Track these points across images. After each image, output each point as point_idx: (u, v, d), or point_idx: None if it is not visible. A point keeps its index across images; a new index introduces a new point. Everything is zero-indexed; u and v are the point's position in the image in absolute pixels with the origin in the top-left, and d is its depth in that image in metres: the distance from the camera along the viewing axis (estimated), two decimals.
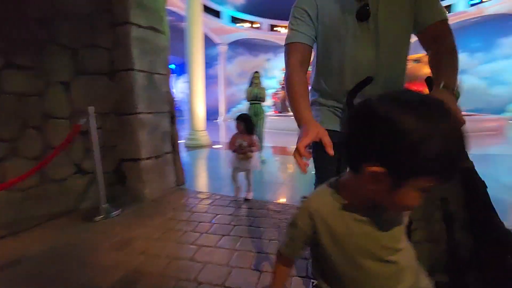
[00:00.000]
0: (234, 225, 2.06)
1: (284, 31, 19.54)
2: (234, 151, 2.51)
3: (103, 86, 2.49)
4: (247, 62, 20.77)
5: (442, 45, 0.88)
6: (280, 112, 13.46)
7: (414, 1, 0.89)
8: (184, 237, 1.87)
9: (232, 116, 20.15)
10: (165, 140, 2.84)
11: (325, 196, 0.56)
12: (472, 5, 16.64)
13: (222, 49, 18.20)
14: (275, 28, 19.75)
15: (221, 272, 1.48)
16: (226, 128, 11.91)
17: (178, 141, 3.03)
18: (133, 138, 2.52)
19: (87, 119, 2.18)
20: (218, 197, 2.69)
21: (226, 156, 5.34)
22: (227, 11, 18.04)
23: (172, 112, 2.92)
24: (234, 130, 2.62)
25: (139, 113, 2.50)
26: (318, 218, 0.54)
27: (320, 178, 1.19)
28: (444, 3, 17.45)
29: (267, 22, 19.30)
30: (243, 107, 21.08)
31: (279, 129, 9.81)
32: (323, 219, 0.54)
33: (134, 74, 2.44)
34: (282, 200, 2.71)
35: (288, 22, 1.02)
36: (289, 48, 0.98)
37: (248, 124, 2.53)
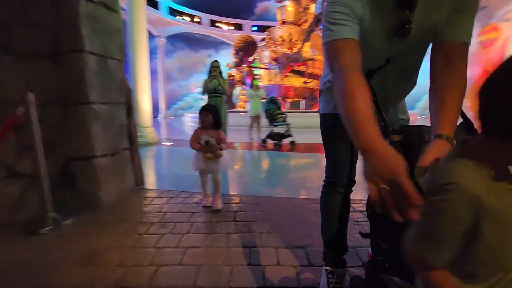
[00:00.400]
0: (217, 222, 1.91)
1: (225, 28, 19.37)
2: (199, 149, 2.08)
3: (43, 71, 2.04)
4: (187, 58, 19.98)
5: (452, 76, 0.79)
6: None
7: (451, 13, 0.78)
8: (164, 241, 1.66)
9: (173, 113, 19.17)
10: (122, 134, 2.49)
11: (471, 170, 0.45)
12: None
13: (161, 42, 17.13)
14: (216, 24, 19.40)
15: (221, 273, 1.35)
16: (167, 126, 11.23)
17: (137, 136, 2.69)
18: (85, 133, 2.13)
19: (26, 109, 1.75)
20: (187, 195, 2.48)
21: (180, 154, 5.02)
22: (165, 2, 16.99)
23: (129, 103, 2.58)
24: (176, 128, 2.45)
25: (92, 103, 2.13)
26: (477, 200, 0.44)
27: (335, 162, 1.17)
28: None
29: (207, 17, 18.84)
30: (185, 103, 20.26)
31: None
32: (480, 199, 0.44)
33: (84, 57, 2.06)
34: (254, 193, 2.64)
35: (227, 19, 0.95)
36: (336, 46, 0.76)
37: (216, 117, 2.11)
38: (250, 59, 12.38)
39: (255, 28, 19.59)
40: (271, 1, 20.50)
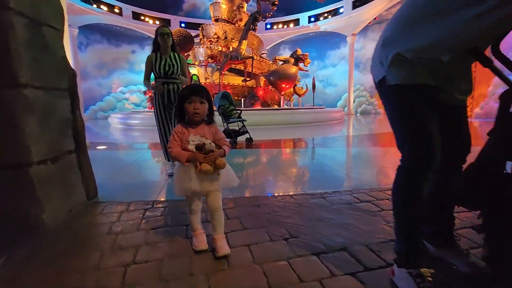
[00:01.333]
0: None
1: (151, 22, 17.85)
2: (189, 160, 1.25)
3: None
4: (106, 53, 17.70)
5: None
6: None
7: None
8: (137, 274, 1.20)
9: (90, 116, 16.65)
10: (65, 132, 1.84)
11: None
12: (311, 21, 20.63)
13: (72, 33, 14.68)
14: (141, 17, 17.68)
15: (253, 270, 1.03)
16: (87, 130, 9.55)
17: (84, 134, 2.05)
18: (14, 129, 1.47)
19: None
20: (162, 204, 2.00)
21: (121, 159, 4.24)
22: None
23: (73, 90, 1.93)
24: (95, 132, 1.97)
25: (23, 85, 1.48)
26: None
27: (424, 143, 0.98)
28: (291, 17, 20.95)
29: (129, 8, 17.01)
30: (105, 104, 17.95)
31: (154, 126, 8.90)
32: None
33: (10, 17, 1.41)
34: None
35: (154, 12, 0.76)
36: None
37: (211, 106, 1.39)
38: (187, 54, 11.64)
39: (184, 25, 18.64)
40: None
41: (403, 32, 0.98)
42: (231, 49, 11.08)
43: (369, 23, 17.68)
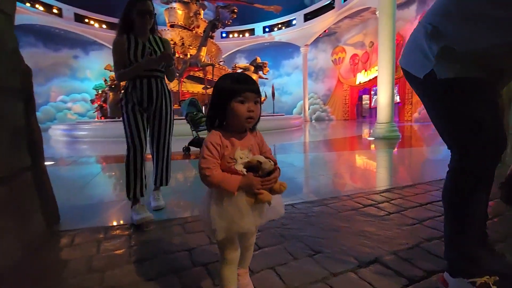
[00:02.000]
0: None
1: (97, 26, 16.47)
2: (241, 187, 0.83)
3: None
4: (42, 57, 15.83)
5: None
6: (108, 118, 11.17)
7: None
8: None
9: None
10: (18, 144, 1.44)
11: None
12: (265, 32, 21.20)
13: None
14: (85, 20, 16.20)
15: None
16: None
17: (42, 146, 1.63)
18: None
19: None
20: (123, 230, 1.68)
21: (75, 176, 3.65)
22: None
23: (28, 92, 1.53)
24: None
25: None
26: None
27: (479, 141, 0.90)
28: (247, 27, 21.28)
29: (71, 9, 15.50)
30: (42, 115, 16.11)
31: (105, 137, 8.18)
32: None
33: None
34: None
35: (101, 16, 0.68)
36: None
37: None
38: None
39: None
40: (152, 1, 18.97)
41: (456, 26, 0.91)
42: (189, 56, 10.70)
43: (320, 35, 18.80)
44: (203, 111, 4.93)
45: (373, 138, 6.60)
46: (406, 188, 2.33)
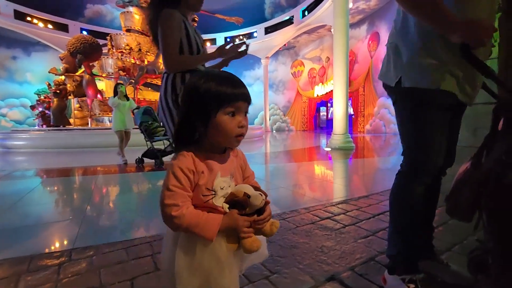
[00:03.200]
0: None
1: (42, 25, 15.03)
2: (221, 230, 0.64)
3: None
4: None
5: None
6: (51, 126, 10.14)
7: None
8: None
9: None
10: None
11: None
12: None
13: None
14: (27, 18, 14.69)
15: None
16: None
17: None
18: None
19: None
20: (79, 255, 1.46)
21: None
22: None
23: None
24: None
25: None
26: None
27: (427, 149, 0.96)
28: (208, 36, 21.20)
29: (10, 5, 13.98)
30: None
31: (47, 147, 7.46)
32: None
33: None
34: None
35: (46, 15, 0.69)
36: None
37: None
38: (92, 64, 10.09)
39: (86, 32, 16.43)
40: (105, 5, 18.00)
41: (416, 36, 0.94)
42: (146, 62, 10.24)
43: (280, 48, 19.44)
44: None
45: (330, 149, 6.87)
46: (361, 199, 2.41)
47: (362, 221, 1.86)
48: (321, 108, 21.42)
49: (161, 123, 1.42)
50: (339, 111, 6.92)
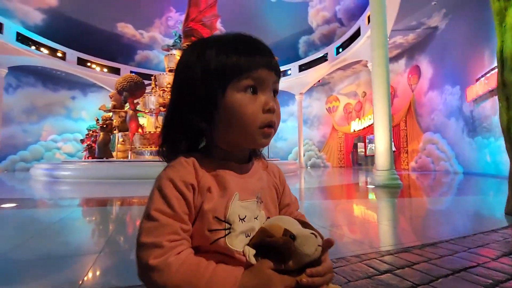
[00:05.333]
0: None
1: (99, 69, 17.00)
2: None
3: None
4: (40, 96, 15.97)
5: None
6: (95, 158, 10.73)
7: None
8: None
9: (7, 167, 13.84)
10: None
11: None
12: None
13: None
14: (87, 64, 16.74)
15: None
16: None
17: None
18: None
19: None
20: None
21: (34, 219, 3.14)
22: (13, 26, 13.53)
23: None
24: (9, 185, 1.32)
25: None
26: None
27: None
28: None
29: (75, 54, 16.10)
30: (30, 154, 15.75)
31: (87, 178, 7.78)
32: None
33: None
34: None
35: (102, 60, 0.60)
36: None
37: None
38: (137, 101, 10.87)
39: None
40: (153, 50, 20.00)
41: None
42: None
43: (314, 84, 19.57)
44: None
45: (373, 186, 6.22)
46: (426, 247, 1.91)
47: (437, 279, 1.40)
48: (359, 144, 20.52)
49: None
50: (381, 145, 6.37)
